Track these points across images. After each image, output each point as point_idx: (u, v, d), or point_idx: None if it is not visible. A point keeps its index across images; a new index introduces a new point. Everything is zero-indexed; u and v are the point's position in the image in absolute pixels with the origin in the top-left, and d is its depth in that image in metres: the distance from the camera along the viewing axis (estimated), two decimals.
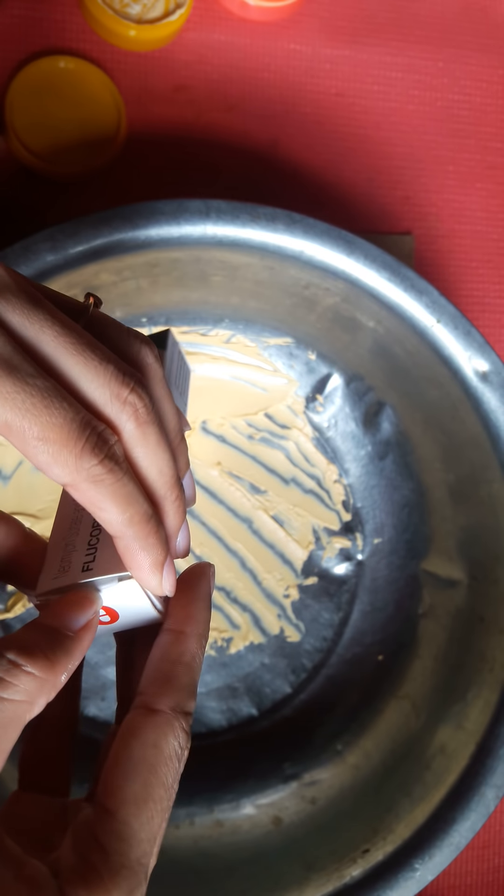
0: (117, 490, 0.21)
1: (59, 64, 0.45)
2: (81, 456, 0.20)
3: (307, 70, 0.50)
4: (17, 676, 0.20)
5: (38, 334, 0.21)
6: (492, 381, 0.40)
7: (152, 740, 0.21)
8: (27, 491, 0.44)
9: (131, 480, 0.21)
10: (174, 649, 0.23)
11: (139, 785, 0.20)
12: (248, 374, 0.47)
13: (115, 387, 0.21)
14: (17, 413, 0.20)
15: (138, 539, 0.22)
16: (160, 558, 0.22)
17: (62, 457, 0.20)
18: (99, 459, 0.20)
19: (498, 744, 0.38)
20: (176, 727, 0.21)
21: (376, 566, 0.47)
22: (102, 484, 0.21)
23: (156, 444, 0.22)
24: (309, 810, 0.42)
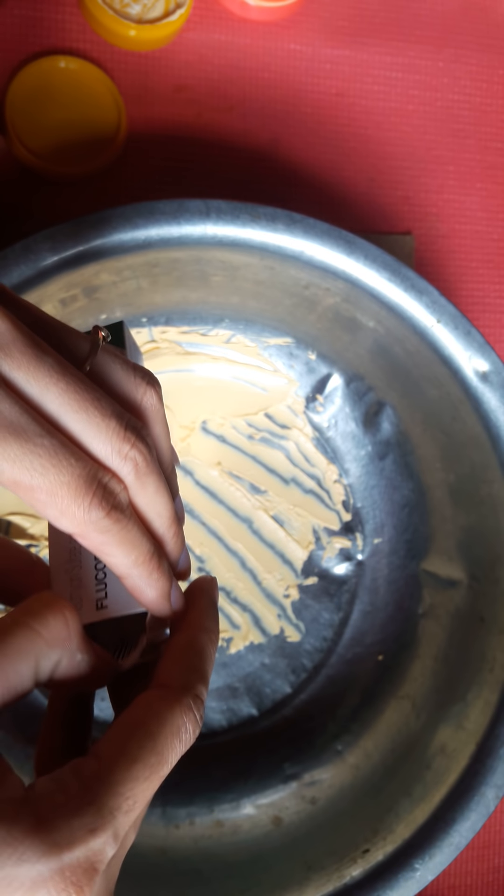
0: (123, 537, 0.23)
1: (59, 64, 0.45)
2: (90, 509, 0.22)
3: (307, 70, 0.50)
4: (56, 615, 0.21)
5: (42, 393, 0.22)
6: (492, 381, 0.40)
7: (157, 710, 0.21)
8: None
9: (135, 525, 0.23)
10: (183, 639, 0.24)
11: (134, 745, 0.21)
12: (248, 374, 0.47)
13: (117, 443, 0.22)
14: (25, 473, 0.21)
15: (143, 577, 0.23)
16: (166, 589, 0.24)
17: (71, 511, 0.21)
18: (106, 512, 0.22)
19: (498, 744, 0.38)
20: (184, 704, 0.22)
21: (376, 566, 0.47)
22: (109, 532, 0.22)
23: (154, 492, 0.24)
24: (309, 810, 0.42)
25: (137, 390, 0.25)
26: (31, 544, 0.44)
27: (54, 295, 0.39)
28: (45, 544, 0.44)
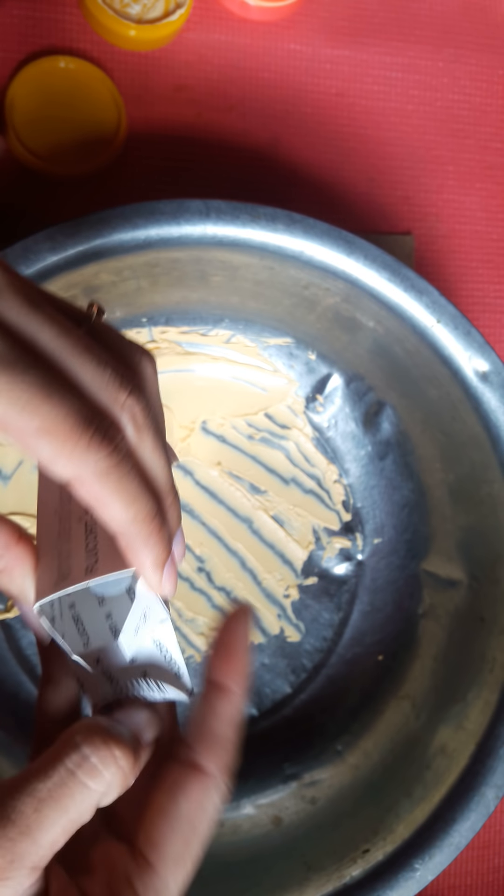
0: (124, 486, 0.21)
1: (59, 64, 0.45)
2: (89, 447, 0.20)
3: (307, 70, 0.50)
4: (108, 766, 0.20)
5: (37, 332, 0.20)
6: (492, 381, 0.40)
7: (198, 800, 0.22)
8: (27, 491, 0.44)
9: (136, 477, 0.21)
10: (222, 707, 0.23)
11: (181, 843, 0.21)
12: (248, 374, 0.47)
13: (114, 390, 0.21)
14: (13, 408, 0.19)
15: (141, 537, 0.22)
16: (163, 556, 0.22)
17: (67, 449, 0.19)
18: (108, 451, 0.20)
19: (498, 744, 0.38)
20: (221, 787, 0.22)
21: (376, 566, 0.47)
22: (109, 478, 0.20)
23: (153, 448, 0.22)
24: (309, 810, 0.42)
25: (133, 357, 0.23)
26: None
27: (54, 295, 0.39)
28: None
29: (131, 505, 0.21)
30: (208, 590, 0.46)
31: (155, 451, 0.22)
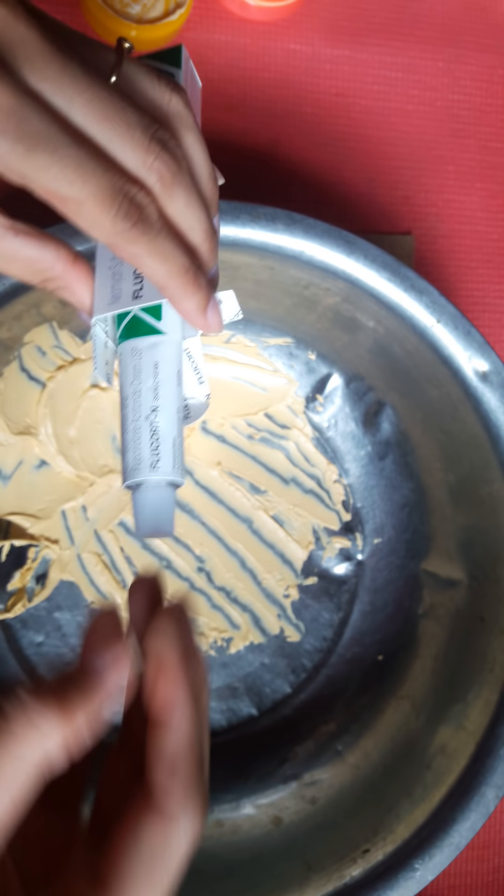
0: (154, 248, 0.23)
1: None
2: (115, 220, 0.22)
3: (307, 70, 0.50)
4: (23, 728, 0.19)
5: (68, 104, 0.22)
6: (492, 381, 0.40)
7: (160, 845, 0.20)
8: (27, 491, 0.44)
9: (167, 238, 0.24)
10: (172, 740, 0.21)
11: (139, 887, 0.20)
12: (248, 374, 0.47)
13: (142, 154, 0.23)
14: (53, 182, 0.22)
15: (179, 288, 0.24)
16: (203, 302, 0.25)
17: (98, 221, 0.22)
18: (132, 223, 0.23)
19: (498, 744, 0.38)
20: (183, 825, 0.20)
21: (376, 566, 0.47)
22: (138, 244, 0.23)
23: (185, 204, 0.24)
24: (309, 810, 0.42)
25: (163, 97, 0.25)
26: (31, 544, 0.44)
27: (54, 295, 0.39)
28: (45, 544, 0.44)
29: (164, 262, 0.24)
30: (208, 590, 0.46)
31: (188, 206, 0.24)
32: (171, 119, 0.25)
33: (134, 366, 0.26)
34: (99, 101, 0.22)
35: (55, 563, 0.45)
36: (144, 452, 0.26)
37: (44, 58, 0.21)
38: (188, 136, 0.25)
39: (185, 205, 0.24)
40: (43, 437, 0.44)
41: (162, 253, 0.24)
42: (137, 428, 0.26)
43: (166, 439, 0.26)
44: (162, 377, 0.26)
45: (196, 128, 0.25)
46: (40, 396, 0.44)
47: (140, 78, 0.24)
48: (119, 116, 0.22)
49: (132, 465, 0.26)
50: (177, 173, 0.23)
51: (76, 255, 0.27)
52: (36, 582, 0.44)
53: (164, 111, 0.25)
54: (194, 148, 0.25)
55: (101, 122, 0.22)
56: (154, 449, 0.26)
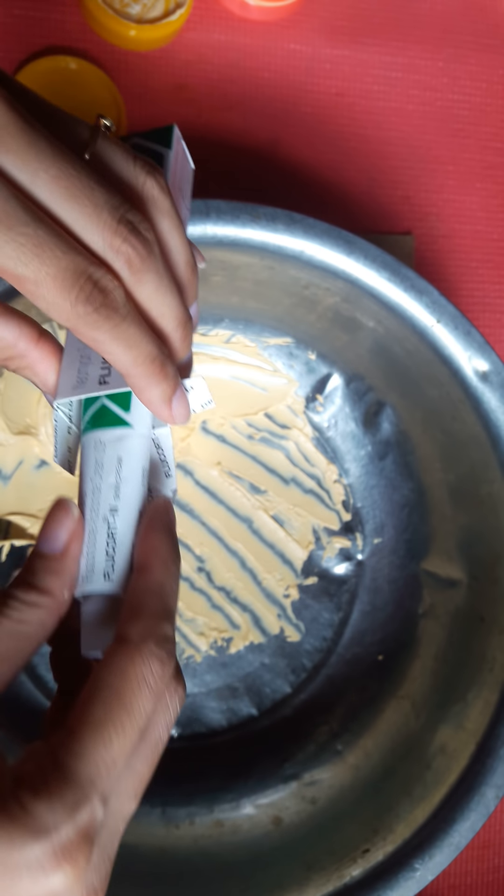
0: (117, 334, 0.22)
1: (60, 63, 0.45)
2: (76, 304, 0.21)
3: (307, 70, 0.50)
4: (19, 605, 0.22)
5: (32, 179, 0.21)
6: (492, 381, 0.40)
7: (119, 667, 0.21)
8: (27, 491, 0.44)
9: (133, 324, 0.22)
10: (140, 582, 0.23)
11: (100, 708, 0.20)
12: (248, 374, 0.47)
13: (108, 236, 0.21)
14: (10, 262, 0.20)
15: (143, 377, 0.23)
16: (168, 392, 0.24)
17: (56, 304, 0.21)
18: (94, 307, 0.21)
19: (498, 744, 0.38)
20: (144, 652, 0.21)
21: (376, 566, 0.47)
22: (100, 329, 0.22)
23: (154, 289, 0.23)
24: (309, 810, 0.42)
25: (137, 179, 0.23)
26: (30, 544, 0.44)
27: None
28: None
29: (129, 350, 0.22)
30: (208, 589, 0.46)
31: (158, 292, 0.23)
32: (146, 202, 0.23)
33: (96, 459, 0.25)
34: (65, 179, 0.21)
35: None
36: (99, 559, 0.24)
37: (10, 131, 0.20)
38: (163, 220, 0.24)
39: (154, 290, 0.23)
40: (43, 437, 0.44)
41: (126, 340, 0.22)
42: (94, 529, 0.24)
43: (123, 545, 0.24)
44: (125, 474, 0.25)
45: (172, 212, 0.24)
46: (40, 396, 0.44)
47: (115, 157, 0.23)
48: (86, 195, 0.21)
49: (85, 572, 0.24)
50: (146, 258, 0.22)
51: (41, 332, 0.25)
52: None
53: (139, 193, 0.23)
54: (170, 233, 0.24)
55: (66, 200, 0.21)
56: (109, 556, 0.24)
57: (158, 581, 0.23)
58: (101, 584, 0.24)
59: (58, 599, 0.23)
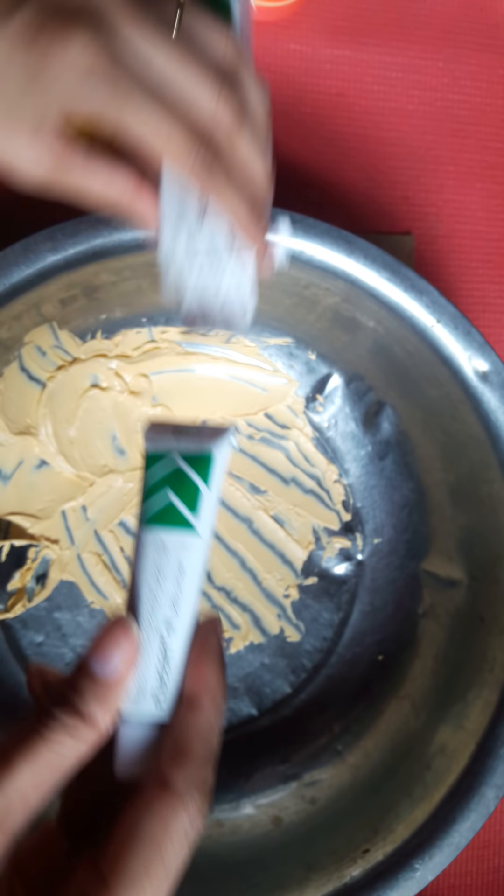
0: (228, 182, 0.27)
1: None
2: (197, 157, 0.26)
3: (307, 70, 0.50)
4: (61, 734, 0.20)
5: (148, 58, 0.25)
6: (492, 381, 0.40)
7: (162, 818, 0.21)
8: (27, 491, 0.44)
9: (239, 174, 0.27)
10: (190, 720, 0.22)
11: (139, 862, 0.20)
12: (248, 374, 0.47)
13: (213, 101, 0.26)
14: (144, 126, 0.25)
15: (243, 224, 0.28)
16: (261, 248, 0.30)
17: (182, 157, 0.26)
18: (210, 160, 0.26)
19: (498, 744, 0.38)
20: (188, 805, 0.21)
21: (376, 566, 0.47)
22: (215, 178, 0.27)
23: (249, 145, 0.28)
24: (309, 810, 0.42)
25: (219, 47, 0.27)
26: (31, 544, 0.44)
27: (54, 295, 0.39)
28: (45, 544, 0.44)
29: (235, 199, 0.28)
30: (208, 590, 0.46)
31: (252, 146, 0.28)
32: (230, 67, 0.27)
33: (156, 563, 0.23)
34: (174, 54, 0.25)
35: (55, 563, 0.45)
36: (150, 679, 0.23)
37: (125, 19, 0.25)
38: (247, 80, 0.28)
39: (249, 146, 0.27)
40: (43, 437, 0.44)
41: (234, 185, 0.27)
42: (147, 642, 0.23)
43: (175, 669, 0.23)
44: (185, 587, 0.23)
45: (250, 71, 0.28)
46: (40, 396, 0.44)
47: (200, 30, 0.27)
48: (191, 68, 0.26)
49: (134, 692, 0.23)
50: (243, 119, 0.27)
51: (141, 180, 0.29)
52: (36, 582, 0.44)
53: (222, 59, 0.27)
54: (251, 90, 0.28)
55: (176, 72, 0.25)
56: (161, 679, 0.23)
57: (208, 721, 0.22)
58: (150, 710, 0.23)
59: (101, 731, 0.21)
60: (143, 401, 0.45)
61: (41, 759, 0.20)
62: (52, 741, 0.20)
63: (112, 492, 0.45)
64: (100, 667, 0.22)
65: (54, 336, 0.43)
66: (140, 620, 0.23)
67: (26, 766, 0.20)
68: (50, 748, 0.20)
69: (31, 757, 0.20)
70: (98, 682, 0.22)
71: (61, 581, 0.45)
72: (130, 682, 0.22)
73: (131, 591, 0.24)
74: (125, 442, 0.45)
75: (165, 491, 0.24)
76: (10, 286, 0.37)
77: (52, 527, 0.45)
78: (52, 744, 0.20)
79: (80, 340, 0.44)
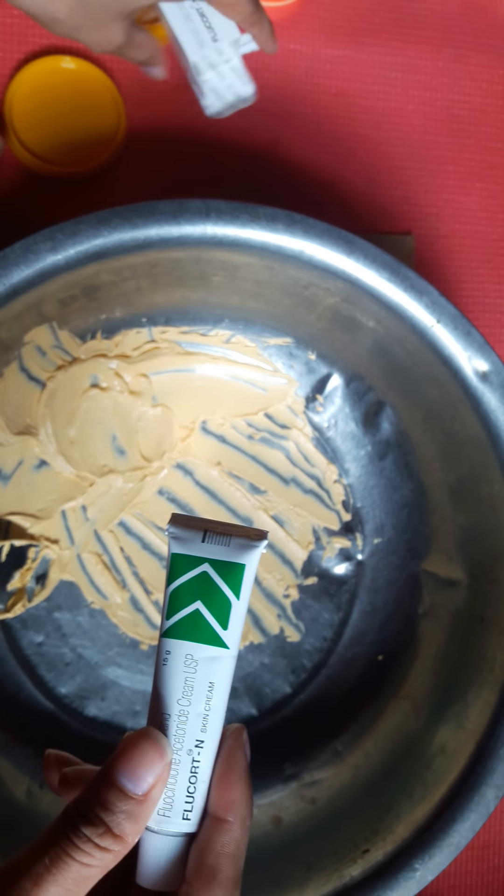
0: None
1: (59, 64, 0.45)
2: None
3: (307, 70, 0.50)
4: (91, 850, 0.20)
5: None
6: (492, 381, 0.40)
7: None
8: (27, 491, 0.44)
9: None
10: (218, 839, 0.23)
11: None
12: (248, 374, 0.47)
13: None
14: None
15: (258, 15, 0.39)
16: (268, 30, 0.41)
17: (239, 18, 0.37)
18: None
19: (498, 744, 0.38)
20: None
21: (376, 566, 0.47)
22: None
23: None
24: (309, 810, 0.42)
25: None
26: (31, 544, 0.44)
27: (54, 295, 0.39)
28: (45, 544, 0.44)
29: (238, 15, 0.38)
30: None
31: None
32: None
33: (186, 678, 0.23)
34: None
35: (55, 563, 0.45)
36: (179, 796, 0.23)
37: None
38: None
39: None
40: (43, 437, 0.44)
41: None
42: (178, 761, 0.23)
43: (203, 783, 0.23)
44: (215, 704, 0.23)
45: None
46: (40, 396, 0.44)
47: None
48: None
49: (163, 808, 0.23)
50: None
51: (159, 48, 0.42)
52: (36, 582, 0.44)
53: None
54: None
55: None
56: (190, 795, 0.23)
57: (237, 841, 0.23)
58: (179, 826, 0.23)
59: (129, 846, 0.21)
60: (143, 401, 0.45)
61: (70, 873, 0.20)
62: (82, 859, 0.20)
63: (112, 492, 0.45)
64: (132, 785, 0.21)
65: (54, 336, 0.43)
66: (170, 736, 0.23)
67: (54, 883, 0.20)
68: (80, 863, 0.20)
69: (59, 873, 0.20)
70: (128, 798, 0.21)
71: (61, 581, 0.45)
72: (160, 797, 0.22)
73: (156, 702, 0.23)
74: (125, 442, 0.45)
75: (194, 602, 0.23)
76: (10, 286, 0.37)
77: (52, 527, 0.45)
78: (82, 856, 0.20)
79: (80, 340, 0.44)
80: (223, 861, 0.22)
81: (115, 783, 0.21)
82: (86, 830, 0.20)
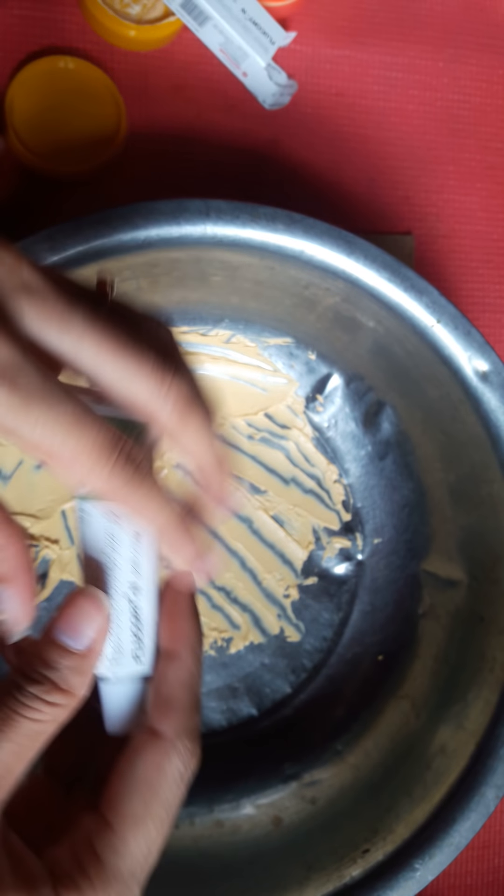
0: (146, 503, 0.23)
1: (59, 64, 0.45)
2: (111, 476, 0.22)
3: (307, 70, 0.50)
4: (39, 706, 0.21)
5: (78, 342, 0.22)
6: (492, 381, 0.40)
7: (156, 762, 0.22)
8: (27, 491, 0.44)
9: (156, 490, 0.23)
10: (171, 670, 0.24)
11: (139, 803, 0.22)
12: (248, 374, 0.47)
13: (156, 383, 0.23)
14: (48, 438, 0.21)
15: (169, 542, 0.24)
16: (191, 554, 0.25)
17: (94, 473, 0.21)
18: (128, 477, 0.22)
19: (498, 744, 0.38)
20: (179, 748, 0.23)
21: (376, 566, 0.47)
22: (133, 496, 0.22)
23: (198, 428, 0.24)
24: (309, 810, 0.42)
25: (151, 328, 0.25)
26: (31, 544, 0.44)
27: None
28: (45, 544, 0.44)
29: (157, 518, 0.23)
30: (208, 590, 0.46)
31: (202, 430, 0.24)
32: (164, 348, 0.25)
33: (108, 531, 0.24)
34: (108, 336, 0.22)
35: (55, 563, 0.45)
36: (126, 640, 0.23)
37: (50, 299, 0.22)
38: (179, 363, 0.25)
39: (198, 428, 0.24)
40: None
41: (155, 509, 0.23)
42: (116, 604, 0.23)
43: (148, 625, 0.24)
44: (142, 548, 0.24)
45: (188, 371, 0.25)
46: None
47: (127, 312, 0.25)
48: (128, 349, 0.22)
49: (112, 654, 0.23)
50: (190, 398, 0.23)
51: None
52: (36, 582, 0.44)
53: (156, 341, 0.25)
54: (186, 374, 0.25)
55: (113, 355, 0.22)
56: (136, 637, 0.24)
57: (189, 671, 0.24)
58: (132, 667, 0.24)
59: (79, 697, 0.22)
60: None
61: (21, 729, 0.21)
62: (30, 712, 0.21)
63: None
64: (73, 641, 0.22)
65: None
66: (105, 588, 0.23)
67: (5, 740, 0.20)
68: (30, 719, 0.21)
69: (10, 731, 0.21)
70: (71, 655, 0.22)
71: (61, 581, 0.45)
72: (102, 648, 0.23)
73: (86, 561, 0.24)
74: None
75: None
76: None
77: (52, 527, 0.45)
78: (31, 713, 0.21)
79: None
80: (178, 689, 0.23)
81: (56, 642, 0.22)
82: (32, 689, 0.21)
